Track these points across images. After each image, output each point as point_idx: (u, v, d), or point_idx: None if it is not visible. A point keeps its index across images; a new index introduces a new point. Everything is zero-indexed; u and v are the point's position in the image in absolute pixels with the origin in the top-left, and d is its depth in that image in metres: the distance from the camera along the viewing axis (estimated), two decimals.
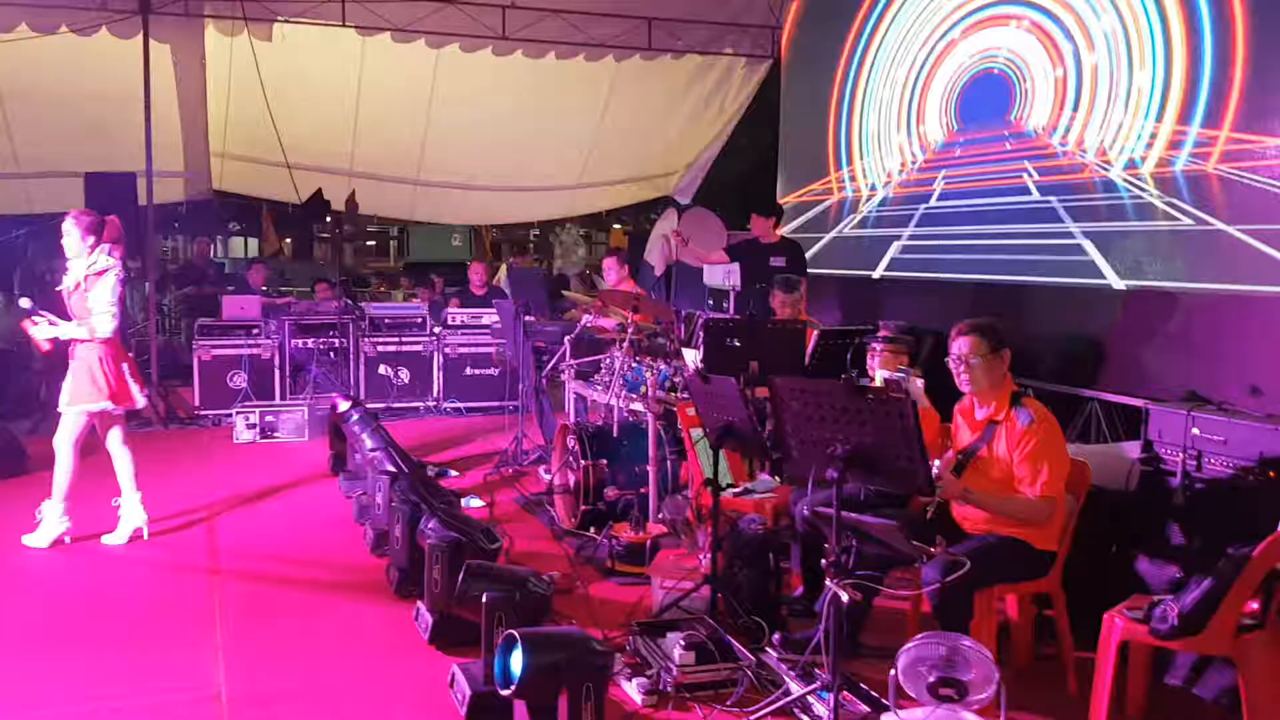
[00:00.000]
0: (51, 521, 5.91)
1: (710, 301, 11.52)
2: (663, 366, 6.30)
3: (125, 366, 5.89)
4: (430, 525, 4.77)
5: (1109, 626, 3.73)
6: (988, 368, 4.08)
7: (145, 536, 6.01)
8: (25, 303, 5.85)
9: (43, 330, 5.74)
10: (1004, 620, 4.32)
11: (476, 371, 10.53)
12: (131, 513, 6.01)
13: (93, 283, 5.73)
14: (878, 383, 4.56)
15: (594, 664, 3.41)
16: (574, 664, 3.38)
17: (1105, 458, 4.79)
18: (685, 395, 5.90)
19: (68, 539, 5.95)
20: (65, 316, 5.81)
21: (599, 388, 6.87)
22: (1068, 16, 6.81)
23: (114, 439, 5.98)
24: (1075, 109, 6.75)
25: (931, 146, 8.26)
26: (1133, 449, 4.92)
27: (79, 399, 5.78)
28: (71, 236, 5.78)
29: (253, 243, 20.11)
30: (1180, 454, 4.65)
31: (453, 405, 10.44)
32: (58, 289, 5.93)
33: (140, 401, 6.00)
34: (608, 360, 6.83)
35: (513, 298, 9.52)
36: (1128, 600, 3.83)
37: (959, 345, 4.11)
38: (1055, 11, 6.91)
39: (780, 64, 10.97)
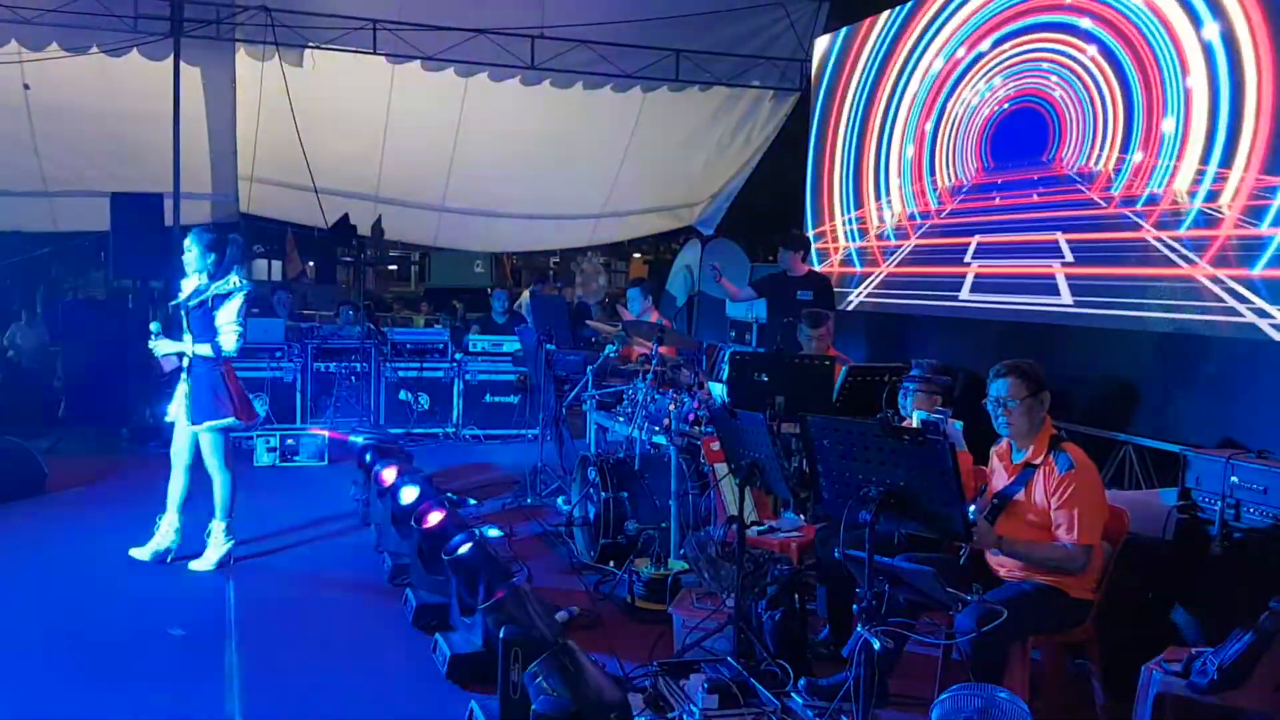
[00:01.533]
0: (218, 541, 6.00)
1: (732, 334, 11.48)
2: (686, 399, 6.23)
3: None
4: None
5: (1147, 679, 3.63)
6: (1027, 411, 3.99)
7: (169, 561, 5.98)
8: (155, 326, 5.91)
9: (165, 345, 5.82)
10: (1035, 670, 4.21)
11: (496, 399, 10.49)
12: (167, 533, 6.01)
13: (219, 302, 5.79)
14: (914, 424, 4.48)
15: None
16: None
17: (1141, 505, 4.68)
18: (709, 429, 5.82)
19: (231, 561, 6.01)
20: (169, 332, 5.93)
21: (621, 419, 6.80)
22: (1107, 55, 6.76)
23: (188, 458, 5.98)
24: (1114, 149, 6.68)
25: (962, 184, 8.20)
26: (1169, 496, 4.82)
27: (205, 416, 5.83)
28: (192, 253, 5.86)
29: (276, 265, 20.19)
30: (1219, 502, 4.54)
31: (472, 433, 10.40)
32: (172, 303, 5.99)
33: (260, 416, 6.10)
34: (630, 391, 6.76)
35: (535, 326, 9.49)
36: (1165, 652, 3.73)
37: (998, 387, 4.02)
38: (1093, 50, 6.86)
39: (808, 97, 10.94)
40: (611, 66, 10.97)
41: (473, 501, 7.66)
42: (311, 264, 18.17)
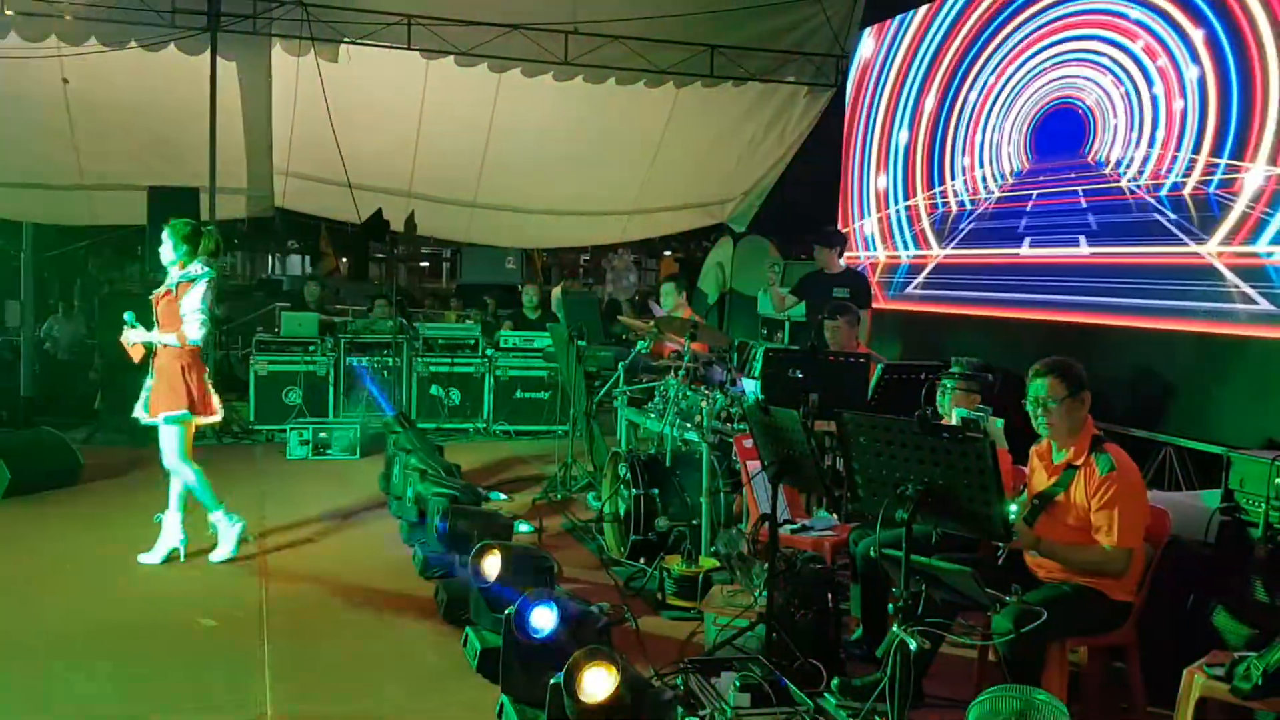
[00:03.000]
0: (226, 534, 5.97)
1: (764, 331, 11.43)
2: (719, 396, 6.19)
3: (206, 378, 5.90)
4: None
5: (1188, 683, 3.56)
6: (1067, 411, 3.93)
7: (182, 559, 5.94)
8: (129, 316, 5.86)
9: (134, 335, 5.78)
10: (1074, 672, 4.14)
11: (527, 395, 10.50)
12: (171, 532, 5.95)
13: (183, 290, 5.74)
14: (954, 421, 4.42)
15: None
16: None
17: (1183, 507, 4.61)
18: (742, 426, 5.78)
19: (239, 549, 6.00)
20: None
21: (652, 415, 6.77)
22: (1148, 53, 6.66)
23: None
24: (1151, 145, 6.57)
25: (1002, 180, 8.10)
26: (1212, 498, 4.73)
27: (160, 407, 5.76)
28: (167, 245, 5.81)
29: (309, 260, 20.36)
30: (1263, 504, 4.45)
31: (502, 428, 10.41)
32: (151, 295, 5.99)
33: (219, 414, 6.01)
34: (662, 387, 6.73)
35: (567, 322, 9.48)
36: (1207, 656, 3.66)
37: (1037, 387, 3.95)
38: (1133, 47, 6.76)
39: (843, 93, 10.86)
40: (645, 62, 10.92)
41: (504, 496, 7.68)
42: (345, 259, 18.29)
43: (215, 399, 5.93)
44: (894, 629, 3.32)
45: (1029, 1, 7.72)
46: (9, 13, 9.23)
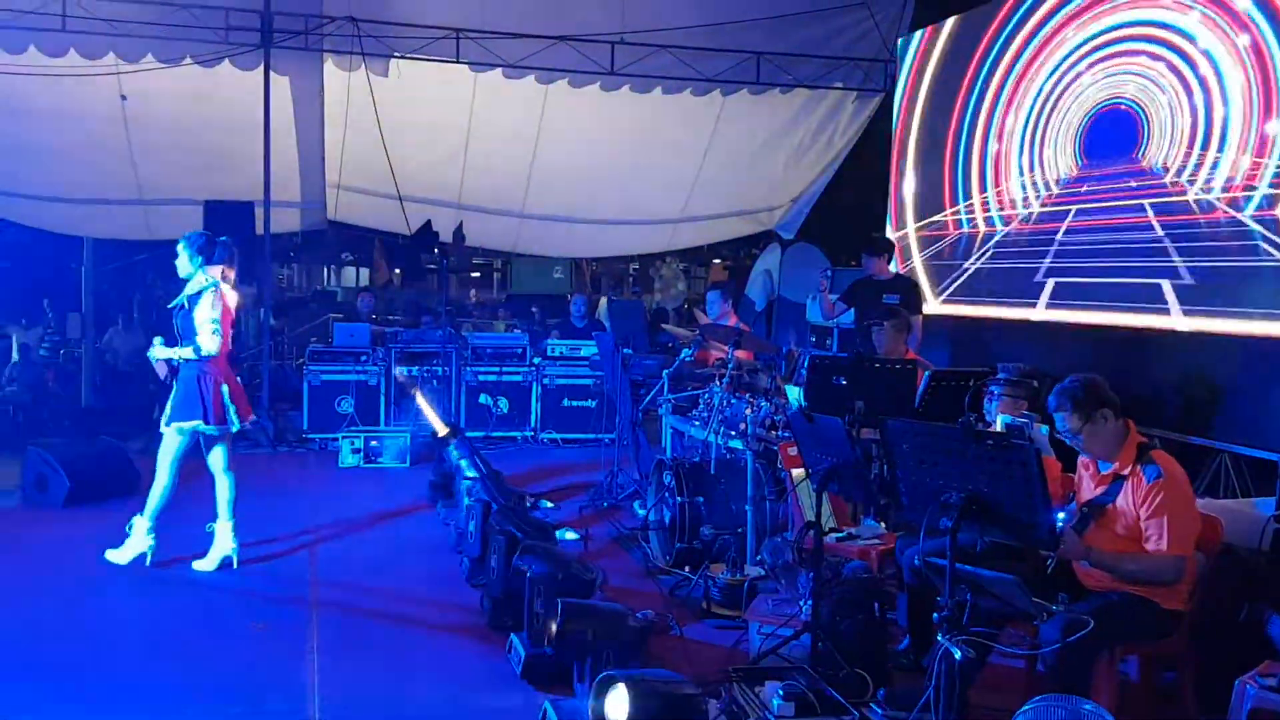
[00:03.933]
0: (137, 538, 5.93)
1: (813, 338, 11.38)
2: (764, 403, 6.17)
3: (227, 388, 5.88)
4: None
5: (1240, 694, 3.49)
6: (1093, 434, 3.91)
7: (235, 566, 5.99)
8: (158, 340, 5.96)
9: (158, 352, 5.86)
10: (1124, 682, 4.08)
11: (574, 403, 10.55)
12: (223, 540, 6.00)
13: (194, 302, 5.80)
14: (999, 428, 4.37)
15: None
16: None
17: (1237, 514, 4.52)
18: (786, 434, 5.75)
19: (148, 561, 5.93)
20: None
21: (697, 423, 6.77)
22: (1199, 55, 6.55)
23: (216, 461, 6.01)
24: (1205, 148, 6.46)
25: (1053, 185, 8.00)
26: (1266, 506, 4.64)
27: (174, 416, 5.83)
28: (183, 258, 5.89)
29: (364, 272, 20.57)
30: None
31: (550, 436, 10.46)
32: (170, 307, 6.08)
33: (236, 425, 5.96)
34: (707, 395, 6.73)
35: (612, 331, 9.51)
36: (1260, 666, 3.58)
37: (1058, 421, 3.96)
38: (1188, 50, 6.65)
39: (892, 98, 10.78)
40: (691, 71, 10.94)
41: (550, 504, 7.70)
42: (398, 270, 18.46)
43: (233, 410, 5.89)
44: (939, 638, 3.29)
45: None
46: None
